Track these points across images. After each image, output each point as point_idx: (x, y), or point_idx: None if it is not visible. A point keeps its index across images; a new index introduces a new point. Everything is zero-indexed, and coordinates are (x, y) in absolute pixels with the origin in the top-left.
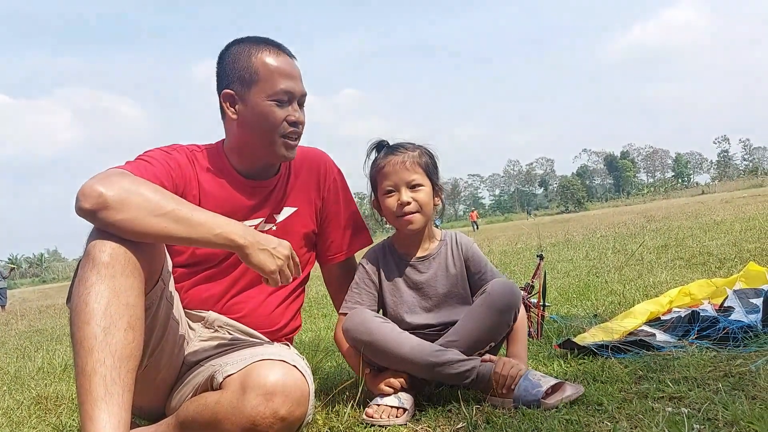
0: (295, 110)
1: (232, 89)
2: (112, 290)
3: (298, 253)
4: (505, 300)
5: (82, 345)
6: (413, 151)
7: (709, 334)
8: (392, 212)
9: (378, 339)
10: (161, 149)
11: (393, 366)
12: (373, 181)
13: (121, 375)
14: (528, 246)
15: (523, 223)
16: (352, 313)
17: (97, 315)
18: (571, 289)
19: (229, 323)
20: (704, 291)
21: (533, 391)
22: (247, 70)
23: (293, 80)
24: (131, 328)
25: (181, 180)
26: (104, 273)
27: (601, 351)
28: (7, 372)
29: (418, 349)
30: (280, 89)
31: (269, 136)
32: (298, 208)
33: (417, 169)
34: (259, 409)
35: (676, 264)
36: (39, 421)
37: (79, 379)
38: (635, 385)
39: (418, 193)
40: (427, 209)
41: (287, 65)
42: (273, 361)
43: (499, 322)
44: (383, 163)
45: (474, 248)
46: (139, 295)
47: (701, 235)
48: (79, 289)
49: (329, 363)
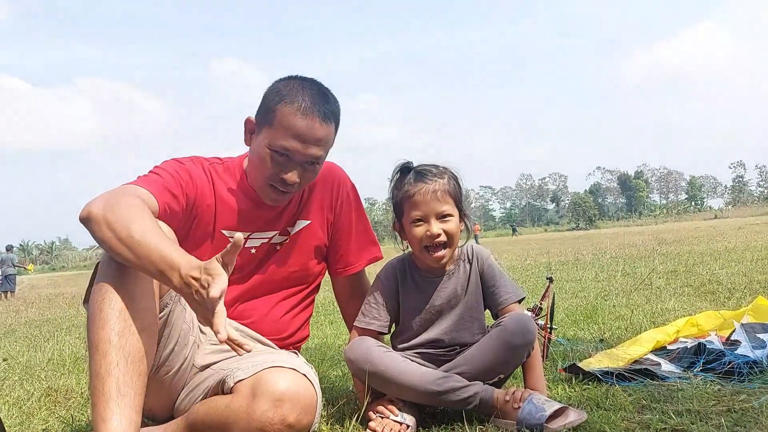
0: (291, 171)
1: (256, 119)
2: (126, 296)
3: (308, 265)
4: (520, 338)
5: (96, 348)
6: (441, 177)
7: (715, 367)
8: (419, 241)
9: (381, 369)
10: (176, 160)
11: (396, 395)
12: (398, 206)
13: (134, 378)
14: (537, 263)
15: (533, 238)
16: (354, 343)
17: (111, 320)
18: (579, 312)
19: (240, 329)
20: (712, 322)
21: (537, 415)
22: (270, 110)
23: (303, 144)
24: (144, 332)
25: (192, 190)
26: (119, 279)
27: (605, 377)
28: (18, 362)
29: (420, 378)
30: (281, 145)
31: (259, 179)
32: (311, 222)
33: (447, 200)
34: (268, 415)
35: (685, 291)
36: (49, 413)
37: (93, 381)
38: (638, 414)
39: (448, 223)
40: (455, 240)
41: (305, 128)
42: (284, 369)
43: (512, 358)
44: (413, 191)
45: (490, 260)
46: (153, 300)
47: (711, 263)
48: (95, 294)
49: (335, 372)
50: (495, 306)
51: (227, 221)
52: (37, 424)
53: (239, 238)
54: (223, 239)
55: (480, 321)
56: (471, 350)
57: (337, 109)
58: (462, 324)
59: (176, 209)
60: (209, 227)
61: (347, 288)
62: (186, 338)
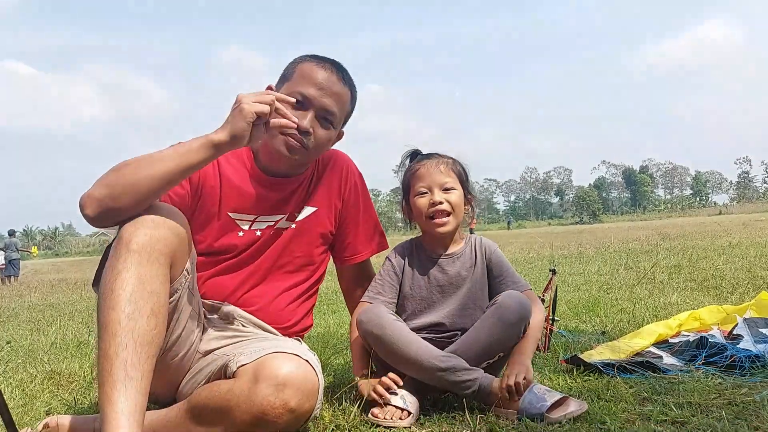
0: (305, 117)
1: (275, 85)
2: (138, 278)
3: (313, 253)
4: (515, 314)
5: (106, 329)
6: (448, 158)
7: (716, 360)
8: (423, 212)
9: (388, 335)
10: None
11: (397, 365)
12: (405, 185)
13: (142, 360)
14: (540, 256)
15: (536, 231)
16: (369, 306)
17: (122, 301)
18: (581, 304)
19: (244, 315)
20: (714, 317)
21: (538, 405)
22: (288, 70)
23: (320, 91)
24: (154, 315)
25: (196, 173)
26: (132, 260)
27: (607, 369)
28: (21, 345)
29: (424, 351)
30: (299, 91)
31: (271, 130)
32: (318, 209)
33: (450, 174)
34: (270, 399)
35: (688, 286)
36: (52, 396)
37: (101, 362)
38: (639, 406)
39: (450, 195)
40: (458, 211)
41: (322, 77)
42: (286, 354)
43: (509, 334)
44: (418, 167)
45: (497, 252)
46: (164, 283)
47: (715, 258)
48: (107, 275)
49: (338, 360)
50: None
51: (233, 203)
52: (39, 407)
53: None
54: (229, 221)
55: (483, 310)
56: (469, 331)
57: (354, 84)
58: (465, 310)
59: (181, 192)
60: (214, 208)
61: (352, 276)
62: (193, 324)
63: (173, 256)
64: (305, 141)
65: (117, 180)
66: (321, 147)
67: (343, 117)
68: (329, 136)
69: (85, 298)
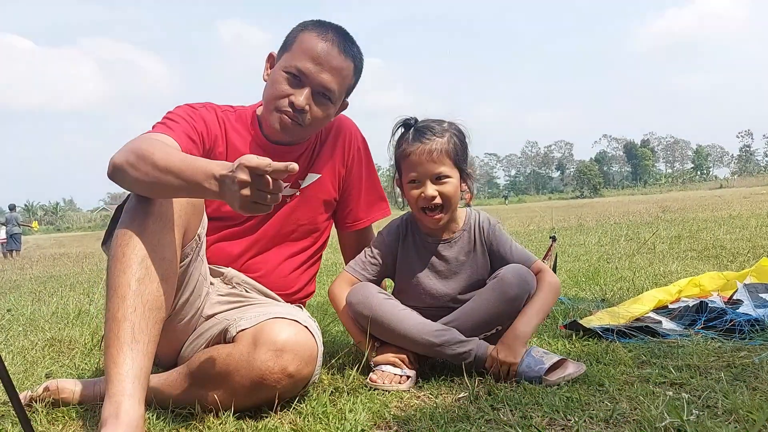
0: (301, 94)
1: (276, 53)
2: (149, 243)
3: (317, 220)
4: (517, 288)
5: (116, 292)
6: (441, 136)
7: (716, 325)
8: (416, 204)
9: (379, 314)
10: (189, 105)
11: (393, 342)
12: (397, 163)
13: (149, 325)
14: (540, 228)
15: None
16: (357, 287)
17: (133, 265)
18: (581, 273)
19: (247, 281)
20: (714, 283)
21: (536, 368)
22: (290, 38)
23: (318, 66)
24: (164, 281)
25: (207, 135)
26: (145, 225)
27: (606, 334)
28: (22, 314)
29: (418, 327)
30: (295, 65)
31: (268, 105)
32: (322, 175)
33: (444, 160)
34: (269, 364)
35: (688, 255)
36: (52, 362)
37: (108, 324)
38: (638, 369)
39: (445, 185)
40: (452, 202)
41: (322, 51)
42: (286, 320)
43: (508, 309)
44: (409, 151)
45: (497, 229)
46: (175, 250)
47: (716, 229)
48: (119, 238)
49: (337, 327)
50: None
51: None
52: (40, 372)
53: (294, 168)
54: None
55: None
56: (469, 303)
57: (359, 53)
58: (467, 288)
59: (195, 155)
60: None
61: (353, 242)
62: (200, 289)
63: (187, 222)
64: (300, 118)
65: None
66: (318, 123)
67: (344, 91)
68: (327, 113)
69: (86, 271)
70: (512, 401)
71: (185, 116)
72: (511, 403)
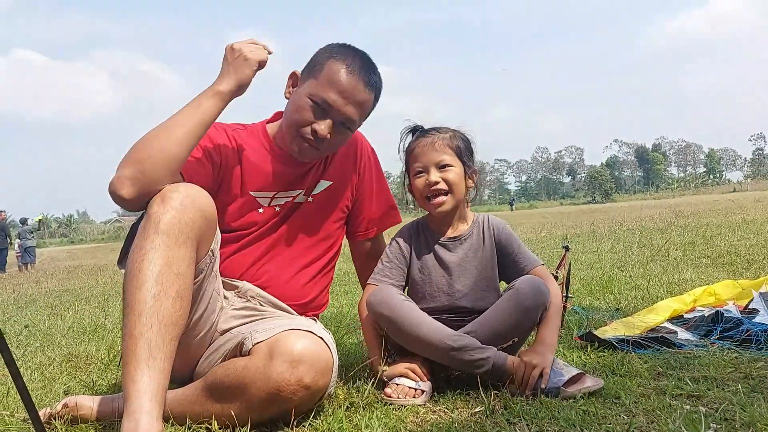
0: (324, 123)
1: (301, 73)
2: (165, 259)
3: (330, 227)
4: (533, 300)
5: (132, 309)
6: (445, 133)
7: (732, 335)
8: (421, 193)
9: (398, 316)
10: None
11: (409, 346)
12: (406, 164)
13: (165, 341)
14: (552, 235)
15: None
16: (378, 288)
17: (149, 282)
18: (595, 282)
19: (261, 294)
20: (729, 292)
21: (554, 380)
22: (318, 64)
23: (344, 99)
24: (180, 297)
25: (217, 155)
26: (159, 241)
27: (621, 345)
28: (39, 329)
29: (435, 331)
30: (322, 97)
31: (290, 129)
32: (333, 183)
33: (446, 150)
34: (285, 376)
35: (703, 262)
36: (70, 378)
37: (125, 340)
38: (654, 381)
39: (447, 173)
40: (457, 189)
41: (349, 85)
42: (301, 331)
43: (524, 320)
44: (414, 145)
45: (506, 230)
46: (190, 266)
47: (730, 234)
48: (134, 255)
49: (351, 339)
50: (516, 274)
51: (255, 182)
52: (58, 388)
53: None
54: (251, 199)
55: (496, 291)
56: (485, 313)
57: (380, 82)
58: (478, 292)
59: (203, 173)
60: (237, 189)
61: (365, 251)
62: (214, 304)
63: (200, 238)
64: (320, 145)
65: (143, 154)
66: (335, 147)
67: (364, 118)
68: (345, 139)
69: (101, 284)
70: (528, 415)
71: None
72: (527, 417)
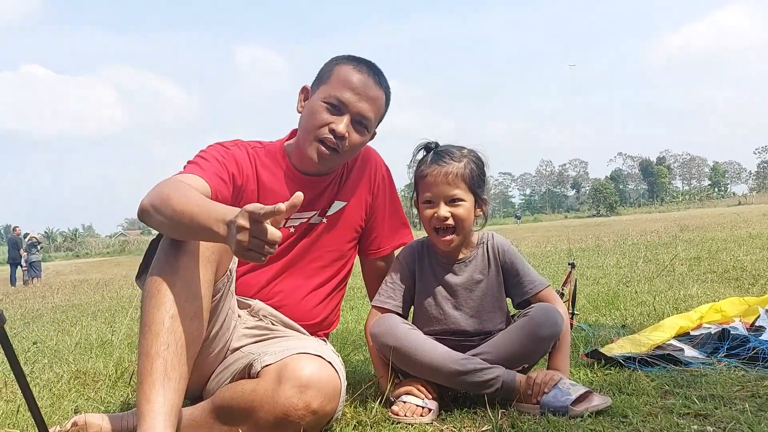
0: (341, 121)
1: (311, 85)
2: (184, 280)
3: (343, 247)
4: (547, 329)
5: (150, 328)
6: (459, 161)
7: (739, 353)
8: (428, 222)
9: (403, 345)
10: (221, 144)
11: (418, 373)
12: (415, 183)
13: (181, 362)
14: (557, 249)
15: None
16: (380, 318)
17: (167, 302)
18: (600, 298)
19: (273, 314)
20: (736, 309)
21: (562, 398)
22: (325, 72)
23: (356, 96)
24: (197, 318)
25: (239, 176)
26: (180, 262)
27: (628, 363)
28: (47, 345)
29: (443, 356)
30: (335, 95)
31: (307, 135)
32: (348, 203)
33: (459, 184)
34: (293, 401)
35: (708, 278)
36: (78, 395)
37: (141, 359)
38: (661, 399)
39: (458, 208)
40: (465, 225)
41: (359, 82)
42: (310, 356)
43: (537, 349)
44: (426, 172)
45: (511, 251)
46: (209, 287)
47: (735, 249)
48: (153, 275)
49: (357, 357)
50: (521, 295)
51: (271, 203)
52: (67, 406)
53: (297, 201)
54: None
55: (503, 311)
56: (496, 338)
57: (388, 86)
58: (483, 314)
59: (226, 194)
60: None
61: (376, 269)
62: (229, 323)
63: (218, 258)
64: (340, 145)
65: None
66: (354, 150)
67: (378, 120)
68: (363, 140)
69: (107, 299)
70: None
71: (217, 156)
72: None
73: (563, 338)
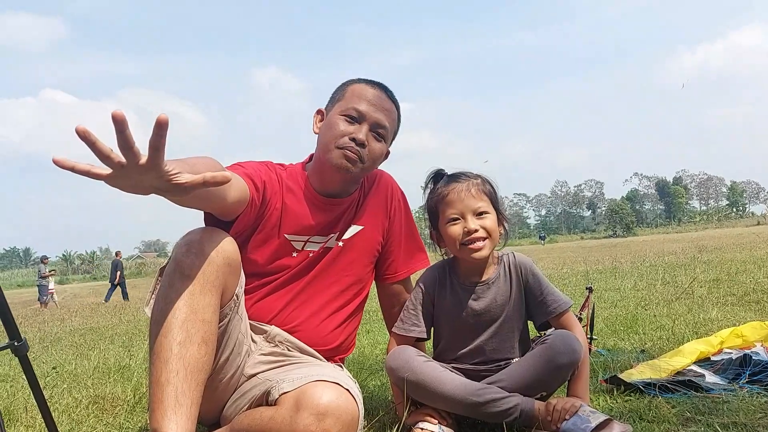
0: (360, 130)
1: (326, 106)
2: (190, 306)
3: (360, 271)
4: (566, 357)
5: (158, 356)
6: (476, 178)
7: (761, 378)
8: (456, 240)
9: (421, 379)
10: (256, 162)
11: (436, 405)
12: (433, 210)
13: (192, 387)
14: (574, 271)
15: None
16: (395, 351)
17: (174, 329)
18: (618, 322)
19: (290, 340)
20: (757, 333)
21: (582, 426)
22: (338, 92)
23: (372, 107)
24: (205, 343)
25: (269, 190)
26: (185, 289)
27: (648, 389)
28: (66, 370)
29: (460, 388)
30: (353, 107)
31: (328, 145)
32: (365, 227)
33: (483, 197)
34: (311, 429)
35: (728, 300)
36: (97, 420)
37: (152, 387)
38: (682, 427)
39: (485, 220)
40: (495, 235)
41: (373, 95)
42: (328, 383)
43: (556, 378)
44: (446, 191)
45: (533, 270)
46: (215, 312)
47: (755, 271)
48: (160, 302)
49: (374, 381)
50: (544, 315)
51: (291, 226)
52: (86, 431)
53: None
54: (285, 242)
55: (521, 332)
56: (513, 366)
57: (398, 104)
58: (502, 336)
59: (255, 198)
60: (275, 230)
61: (392, 294)
62: (240, 347)
63: (224, 283)
64: (361, 153)
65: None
66: (374, 161)
67: (392, 133)
68: (382, 150)
69: (125, 322)
70: None
71: (254, 166)
72: None
73: (582, 365)
